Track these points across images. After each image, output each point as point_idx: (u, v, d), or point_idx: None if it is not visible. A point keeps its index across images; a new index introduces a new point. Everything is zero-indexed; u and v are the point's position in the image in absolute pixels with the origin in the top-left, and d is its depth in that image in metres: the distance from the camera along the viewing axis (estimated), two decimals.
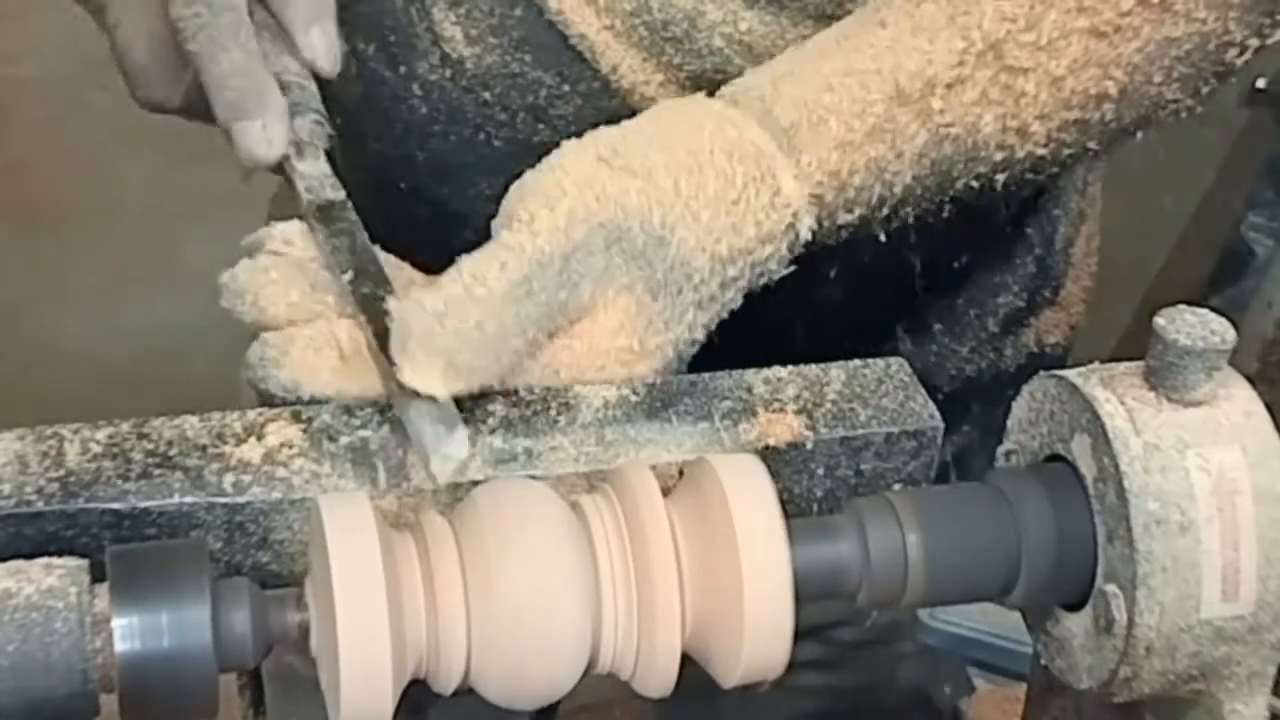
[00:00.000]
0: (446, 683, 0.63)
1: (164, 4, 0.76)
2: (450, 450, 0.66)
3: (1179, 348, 0.62)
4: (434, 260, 0.75)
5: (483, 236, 0.90)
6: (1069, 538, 0.64)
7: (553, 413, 0.69)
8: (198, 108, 0.79)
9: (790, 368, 0.73)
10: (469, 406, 0.68)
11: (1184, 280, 2.40)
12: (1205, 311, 0.63)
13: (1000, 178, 0.82)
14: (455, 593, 0.61)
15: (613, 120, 0.82)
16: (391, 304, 0.67)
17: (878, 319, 1.02)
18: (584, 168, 0.72)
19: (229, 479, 0.65)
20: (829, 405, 0.71)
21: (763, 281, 0.77)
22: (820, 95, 0.77)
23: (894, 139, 0.78)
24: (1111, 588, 0.63)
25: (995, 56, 0.78)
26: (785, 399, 0.71)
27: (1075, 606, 0.66)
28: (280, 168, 0.77)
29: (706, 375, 0.72)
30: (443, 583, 0.61)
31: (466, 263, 0.69)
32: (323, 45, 0.79)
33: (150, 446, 0.66)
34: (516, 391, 0.70)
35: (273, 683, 0.59)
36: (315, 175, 0.75)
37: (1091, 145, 0.83)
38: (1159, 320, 0.63)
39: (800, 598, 0.62)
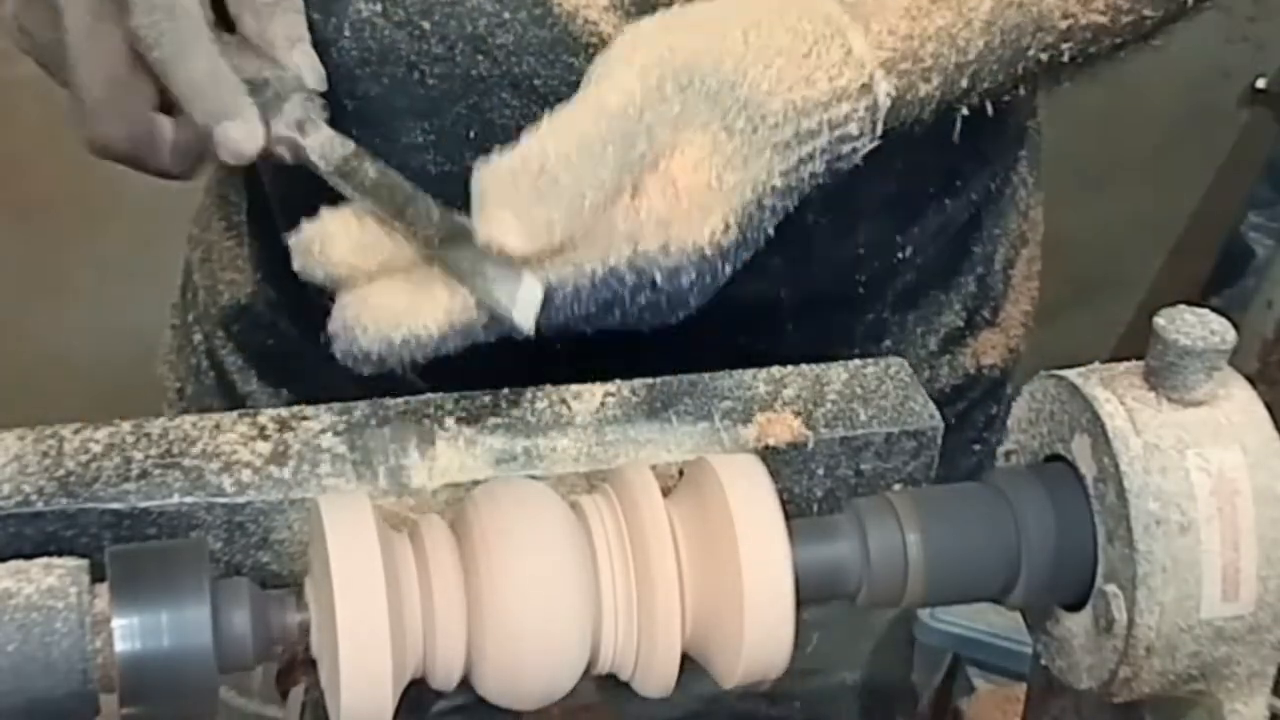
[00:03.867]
0: (446, 682, 0.63)
1: (120, 22, 0.76)
2: (525, 295, 0.67)
3: (1179, 348, 0.62)
4: None
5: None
6: (1069, 538, 0.64)
7: (553, 413, 0.69)
8: (143, 150, 0.79)
9: (790, 368, 0.73)
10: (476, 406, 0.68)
11: (1184, 280, 2.40)
12: (1205, 311, 0.63)
13: (1066, 48, 0.83)
14: (455, 593, 0.61)
15: (554, 49, 0.83)
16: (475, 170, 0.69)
17: (835, 335, 1.02)
18: (654, 27, 0.74)
19: (229, 479, 0.65)
20: (829, 405, 0.71)
21: (845, 151, 0.77)
22: None
23: (960, 5, 0.79)
24: (1111, 588, 0.63)
25: None
26: (785, 399, 0.71)
27: (1075, 606, 0.66)
28: (271, 155, 0.78)
29: (707, 375, 0.72)
30: (442, 583, 0.61)
31: (544, 122, 0.70)
32: (308, 63, 0.80)
33: (150, 446, 0.66)
34: (517, 391, 0.70)
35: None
36: (323, 140, 0.77)
37: (1148, 13, 0.84)
38: (1159, 320, 0.63)
39: (800, 598, 0.62)
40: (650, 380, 0.72)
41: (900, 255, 0.99)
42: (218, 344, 1.09)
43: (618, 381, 0.71)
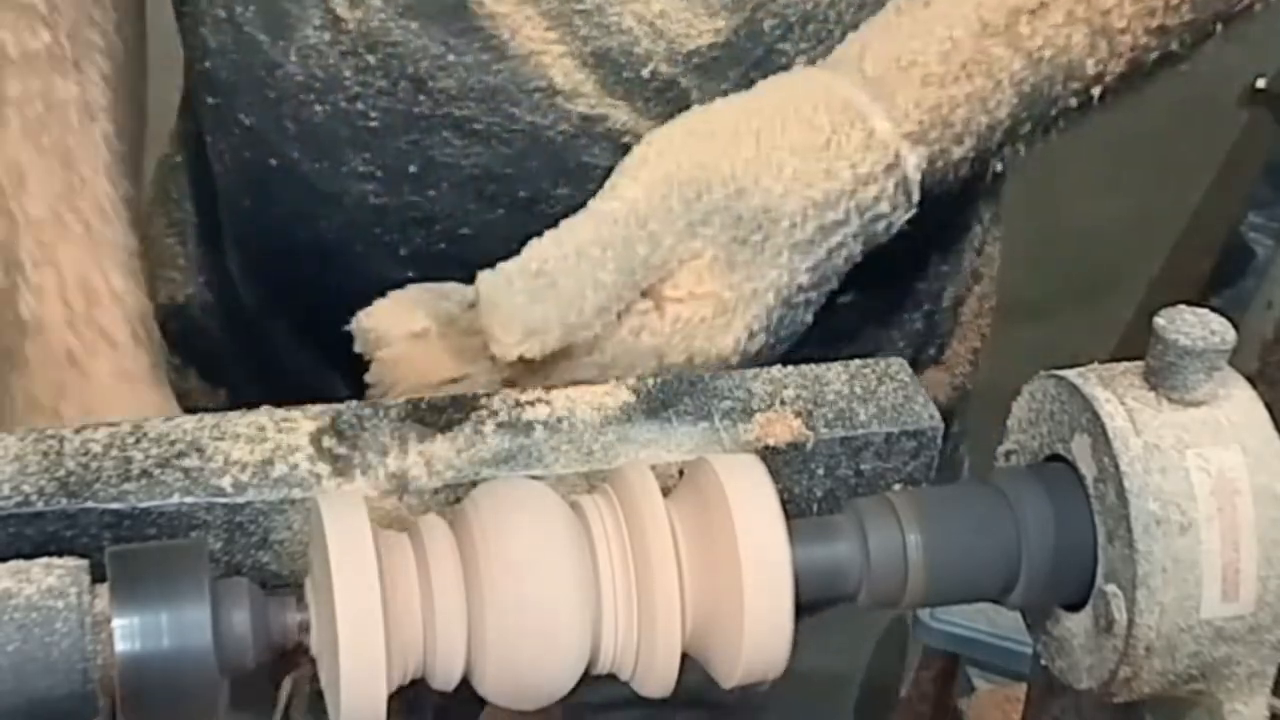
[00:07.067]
0: (446, 682, 0.63)
1: None
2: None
3: (1179, 348, 0.62)
4: (303, 248, 0.76)
5: (354, 217, 0.88)
6: (1069, 538, 0.64)
7: (553, 412, 0.69)
8: None
9: (790, 368, 0.73)
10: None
11: (1184, 280, 2.40)
12: (1205, 311, 0.63)
13: (1096, 90, 0.84)
14: (455, 593, 0.61)
15: (495, 96, 0.83)
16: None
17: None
18: (669, 137, 0.75)
19: (229, 479, 0.65)
20: (829, 405, 0.71)
21: (882, 225, 0.78)
22: (907, 43, 0.79)
23: (990, 69, 0.80)
24: (1111, 588, 0.63)
25: None
26: (785, 399, 0.71)
27: (1075, 606, 0.66)
28: None
29: (707, 375, 0.72)
30: (442, 583, 0.61)
31: (547, 232, 0.72)
32: None
33: (150, 446, 0.66)
34: (516, 391, 0.70)
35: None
36: None
37: (1174, 48, 0.85)
38: (1159, 320, 0.63)
39: (800, 598, 0.62)
40: (650, 380, 0.71)
41: (841, 298, 0.98)
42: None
43: (617, 381, 0.71)
